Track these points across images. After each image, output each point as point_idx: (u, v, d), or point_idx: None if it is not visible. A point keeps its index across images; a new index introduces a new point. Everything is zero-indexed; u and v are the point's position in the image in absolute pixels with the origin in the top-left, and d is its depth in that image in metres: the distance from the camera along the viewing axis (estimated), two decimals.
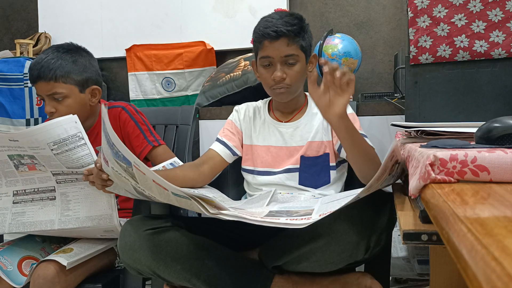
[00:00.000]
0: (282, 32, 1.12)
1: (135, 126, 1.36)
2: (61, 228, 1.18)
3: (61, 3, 2.77)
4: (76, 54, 1.31)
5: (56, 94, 1.26)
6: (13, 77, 2.41)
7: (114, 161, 0.94)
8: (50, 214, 1.19)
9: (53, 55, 1.27)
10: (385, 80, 2.36)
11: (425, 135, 0.86)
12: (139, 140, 1.35)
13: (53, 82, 1.25)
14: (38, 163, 1.16)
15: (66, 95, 1.27)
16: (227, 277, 1.01)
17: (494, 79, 1.24)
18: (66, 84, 1.27)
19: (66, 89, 1.27)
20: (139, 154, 1.34)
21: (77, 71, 1.29)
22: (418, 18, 1.27)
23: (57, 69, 1.25)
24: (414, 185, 0.55)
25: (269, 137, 1.27)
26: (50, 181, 1.19)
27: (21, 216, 1.21)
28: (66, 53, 1.29)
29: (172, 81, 2.59)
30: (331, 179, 1.21)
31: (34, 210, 1.21)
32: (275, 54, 1.14)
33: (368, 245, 0.90)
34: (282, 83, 1.16)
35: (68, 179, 1.18)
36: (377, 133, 1.67)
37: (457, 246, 0.32)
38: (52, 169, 1.16)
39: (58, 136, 1.09)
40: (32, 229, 1.21)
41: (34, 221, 1.20)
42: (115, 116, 1.36)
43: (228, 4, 2.50)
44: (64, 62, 1.27)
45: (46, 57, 1.26)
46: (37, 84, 1.27)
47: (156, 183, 0.90)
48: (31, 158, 1.15)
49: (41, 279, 1.10)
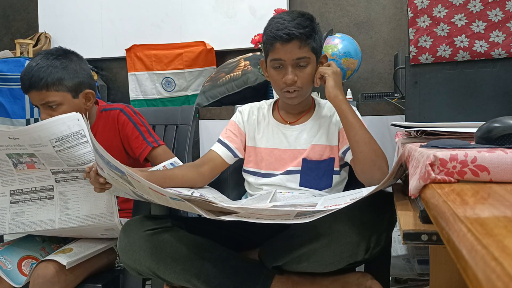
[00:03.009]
0: (294, 35, 1.10)
1: (133, 127, 1.34)
2: (62, 227, 1.18)
3: (61, 3, 2.77)
4: (65, 60, 1.28)
5: (50, 103, 1.24)
6: (13, 77, 2.41)
7: (108, 169, 0.95)
8: (49, 214, 1.19)
9: (43, 62, 1.24)
10: (385, 80, 2.36)
11: (425, 135, 0.86)
12: (138, 141, 1.33)
13: (45, 91, 1.23)
14: (37, 162, 1.15)
15: (59, 102, 1.25)
16: (227, 277, 1.01)
17: (494, 79, 1.24)
18: (58, 92, 1.25)
19: (59, 97, 1.25)
20: (139, 155, 1.34)
21: (69, 77, 1.26)
22: (418, 18, 1.27)
23: (47, 77, 1.23)
24: (414, 185, 0.55)
25: (273, 139, 1.26)
26: (49, 180, 1.19)
27: (20, 216, 1.21)
28: (56, 60, 1.26)
29: (172, 81, 2.59)
30: (332, 183, 1.21)
31: (32, 210, 1.20)
32: (287, 57, 1.13)
33: (368, 245, 0.90)
34: (294, 85, 1.15)
35: (68, 178, 1.17)
36: (377, 133, 1.67)
37: (457, 246, 0.31)
38: (52, 167, 1.16)
39: (61, 133, 1.09)
40: (33, 229, 1.21)
41: (34, 221, 1.20)
42: (113, 118, 1.35)
43: (228, 4, 2.50)
44: (54, 69, 1.24)
45: (36, 65, 1.24)
46: (30, 93, 1.25)
47: (152, 190, 0.91)
48: (31, 157, 1.14)
49: (41, 278, 1.10)
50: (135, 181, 0.92)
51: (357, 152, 1.08)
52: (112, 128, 1.35)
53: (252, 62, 2.03)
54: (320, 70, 1.16)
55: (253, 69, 1.99)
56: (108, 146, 1.29)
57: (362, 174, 1.09)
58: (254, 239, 1.13)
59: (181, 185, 1.14)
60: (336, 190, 1.22)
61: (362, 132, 1.08)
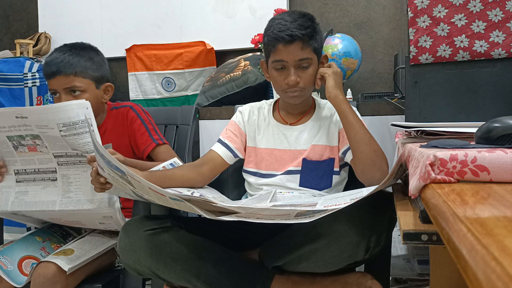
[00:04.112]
0: (297, 36, 1.10)
1: (141, 124, 1.39)
2: (62, 209, 1.19)
3: (61, 3, 2.77)
4: (91, 52, 1.36)
5: (75, 87, 1.30)
6: (13, 77, 2.41)
7: (109, 169, 0.95)
8: (51, 195, 1.20)
9: (71, 52, 1.32)
10: (385, 80, 2.36)
11: (425, 135, 0.86)
12: (144, 137, 1.38)
13: (73, 76, 1.30)
14: (40, 144, 1.16)
15: (84, 89, 1.31)
16: (227, 277, 1.01)
17: (494, 79, 1.24)
18: (85, 79, 1.32)
19: (84, 84, 1.32)
20: (143, 151, 1.37)
21: (94, 68, 1.34)
22: (418, 18, 1.27)
23: (77, 63, 1.30)
24: (414, 185, 0.55)
25: (273, 140, 1.26)
26: (51, 163, 1.19)
27: (23, 195, 1.22)
28: (82, 51, 1.34)
29: (172, 81, 2.59)
30: (332, 184, 1.21)
31: (36, 190, 1.22)
32: (289, 58, 1.13)
33: (368, 245, 0.90)
34: (296, 86, 1.15)
35: (71, 162, 1.18)
36: (377, 133, 1.67)
37: (457, 246, 0.32)
38: (55, 150, 1.17)
39: (69, 118, 1.10)
40: (34, 209, 1.21)
41: (36, 201, 1.21)
42: (123, 114, 1.41)
43: (228, 4, 2.50)
44: (82, 58, 1.32)
45: (63, 53, 1.31)
46: (55, 78, 1.30)
47: (152, 190, 0.91)
48: (34, 139, 1.15)
49: (42, 277, 1.11)
50: (135, 181, 0.92)
51: (357, 152, 1.08)
52: (121, 126, 1.40)
53: (252, 62, 2.03)
54: (320, 71, 1.16)
55: (253, 69, 1.99)
56: (117, 145, 1.36)
57: (362, 174, 1.09)
58: (254, 239, 1.13)
59: (181, 185, 1.14)
60: (336, 190, 1.22)
61: (362, 132, 1.08)
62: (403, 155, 0.76)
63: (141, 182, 0.90)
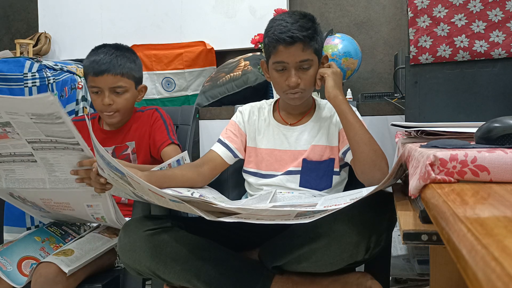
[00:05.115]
0: (298, 38, 1.10)
1: (163, 124, 1.47)
2: (53, 187, 1.17)
3: (61, 3, 2.77)
4: (133, 55, 1.45)
5: (119, 88, 1.38)
6: (13, 77, 2.40)
7: (109, 170, 0.95)
8: (37, 173, 1.17)
9: (118, 52, 1.39)
10: (385, 80, 2.36)
11: (425, 135, 0.86)
12: (162, 134, 1.44)
13: (120, 76, 1.37)
14: (11, 131, 1.09)
15: (127, 89, 1.40)
16: (227, 277, 1.01)
17: (494, 79, 1.24)
18: (129, 80, 1.40)
19: (128, 84, 1.40)
20: (159, 146, 1.42)
21: (136, 69, 1.43)
22: (418, 18, 1.27)
23: (124, 64, 1.38)
24: (414, 185, 0.55)
25: (273, 140, 1.26)
26: (26, 148, 1.13)
27: (12, 173, 1.21)
28: (127, 52, 1.42)
29: (172, 81, 2.59)
30: (332, 184, 1.21)
31: (21, 169, 1.19)
32: (290, 59, 1.12)
33: (368, 245, 0.90)
34: (297, 88, 1.15)
35: (46, 147, 1.12)
36: (377, 133, 1.67)
37: (457, 246, 0.31)
38: (28, 137, 1.10)
39: (36, 110, 1.01)
40: (27, 186, 1.20)
41: (26, 179, 1.20)
42: (148, 115, 1.49)
43: (228, 4, 2.50)
44: (127, 60, 1.40)
45: (111, 54, 1.37)
46: (102, 76, 1.35)
47: (152, 191, 0.91)
48: (4, 126, 1.08)
49: (43, 278, 1.11)
50: (135, 182, 0.92)
51: (357, 152, 1.08)
52: (144, 125, 1.47)
53: (252, 62, 2.03)
54: (320, 71, 1.16)
55: (253, 69, 1.99)
56: (138, 144, 1.45)
57: (362, 175, 1.09)
58: (254, 239, 1.13)
59: (181, 185, 1.14)
60: (336, 190, 1.22)
61: (362, 132, 1.08)
62: (403, 155, 0.76)
63: (140, 184, 0.90)
